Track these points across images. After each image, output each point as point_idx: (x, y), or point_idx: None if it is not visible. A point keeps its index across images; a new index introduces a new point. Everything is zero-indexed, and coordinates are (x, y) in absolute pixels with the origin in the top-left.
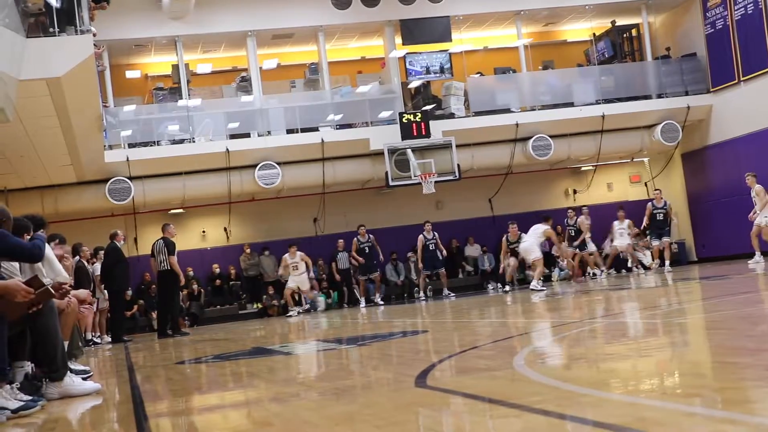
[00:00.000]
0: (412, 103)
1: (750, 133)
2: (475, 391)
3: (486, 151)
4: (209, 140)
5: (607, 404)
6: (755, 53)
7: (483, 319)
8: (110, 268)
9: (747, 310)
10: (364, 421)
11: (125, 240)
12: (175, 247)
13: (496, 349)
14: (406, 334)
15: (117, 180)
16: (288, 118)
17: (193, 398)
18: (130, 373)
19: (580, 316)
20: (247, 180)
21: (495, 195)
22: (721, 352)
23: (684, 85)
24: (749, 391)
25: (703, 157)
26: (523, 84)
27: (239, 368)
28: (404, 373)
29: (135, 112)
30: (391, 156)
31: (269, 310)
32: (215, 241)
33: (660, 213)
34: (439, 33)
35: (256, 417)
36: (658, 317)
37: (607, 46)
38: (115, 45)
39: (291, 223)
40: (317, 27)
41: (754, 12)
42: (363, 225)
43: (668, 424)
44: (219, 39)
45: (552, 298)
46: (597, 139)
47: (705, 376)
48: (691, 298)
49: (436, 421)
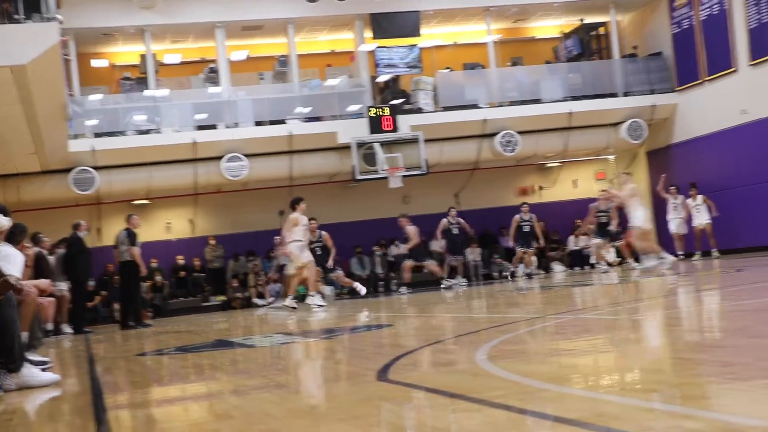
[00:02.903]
0: (380, 97)
1: (713, 133)
2: (436, 386)
3: (453, 146)
4: (176, 131)
5: (568, 399)
6: (719, 53)
7: (447, 314)
8: (72, 258)
9: (704, 307)
10: (326, 414)
11: (88, 230)
12: (138, 238)
13: (458, 343)
14: (370, 328)
15: (81, 170)
16: (256, 110)
17: (154, 390)
18: (90, 364)
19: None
20: (214, 172)
21: (462, 190)
22: (679, 348)
23: (650, 83)
24: (706, 387)
25: (667, 156)
26: (492, 80)
27: (201, 361)
28: (366, 366)
29: (101, 101)
30: (358, 150)
31: (233, 302)
32: (180, 233)
33: (603, 216)
34: (409, 28)
35: (217, 409)
36: (619, 313)
37: (575, 43)
38: (82, 33)
39: (257, 216)
40: (287, 19)
41: (720, 13)
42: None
43: (627, 419)
44: (188, 30)
45: (517, 294)
46: (564, 136)
47: (663, 372)
48: (651, 294)
49: (398, 415)
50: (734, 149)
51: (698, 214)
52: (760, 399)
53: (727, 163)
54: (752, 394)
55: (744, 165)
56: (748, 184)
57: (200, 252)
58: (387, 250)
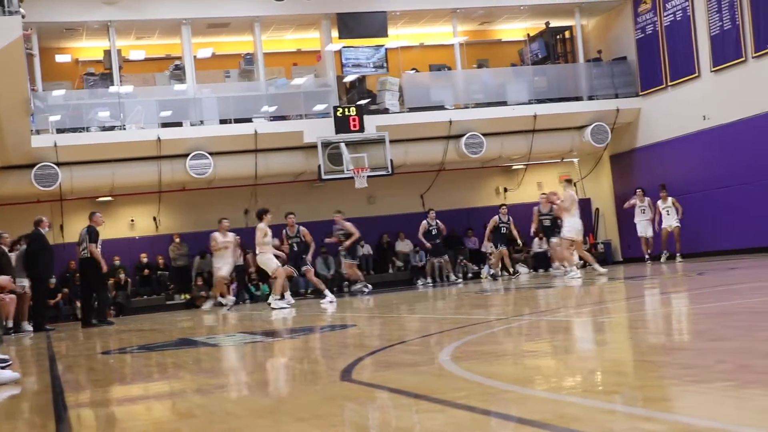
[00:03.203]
0: (346, 97)
1: (676, 137)
2: (400, 386)
3: (419, 147)
4: (140, 128)
5: (530, 401)
6: (683, 59)
7: (412, 315)
8: (34, 255)
9: (666, 310)
10: (288, 413)
11: (50, 227)
12: (98, 236)
13: (423, 344)
14: (334, 328)
15: (44, 165)
16: (221, 108)
17: (116, 389)
18: (51, 362)
19: (506, 313)
20: (178, 169)
21: (427, 191)
22: (641, 351)
23: (614, 87)
24: (666, 389)
25: (630, 159)
26: (458, 82)
27: (164, 359)
28: (330, 366)
29: (64, 97)
30: (324, 149)
31: (197, 301)
32: (144, 230)
33: (546, 219)
34: (376, 28)
35: (180, 408)
36: (582, 315)
37: (541, 47)
38: (45, 28)
39: (221, 214)
40: (253, 17)
41: (683, 19)
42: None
43: (588, 420)
44: (153, 26)
45: (481, 295)
46: (528, 139)
47: (625, 374)
48: (615, 297)
49: (361, 415)
50: (696, 154)
51: (668, 216)
52: (719, 401)
53: (688, 168)
54: (712, 396)
55: (705, 170)
56: (708, 189)
57: (164, 250)
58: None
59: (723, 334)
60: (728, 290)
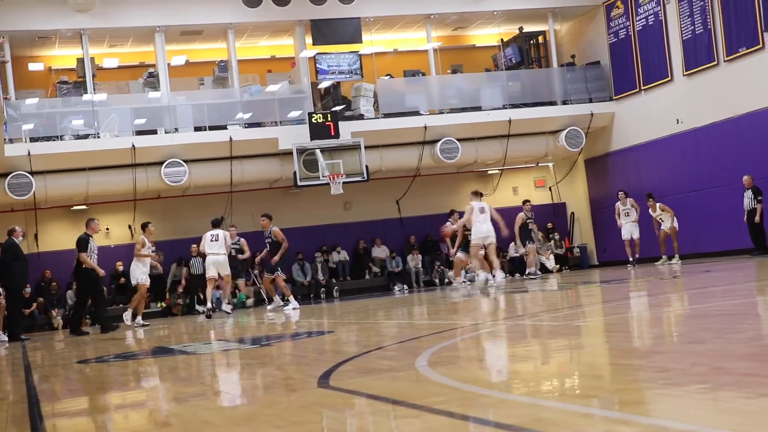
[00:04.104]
0: (321, 104)
1: (649, 141)
2: (377, 392)
3: (394, 153)
4: (115, 136)
5: (507, 405)
6: (655, 63)
7: (389, 320)
8: (7, 264)
9: (643, 313)
10: (265, 421)
11: (24, 236)
12: (87, 244)
13: (400, 350)
14: (311, 334)
15: (17, 174)
16: (196, 115)
17: (92, 398)
18: (27, 372)
19: (483, 317)
20: (153, 177)
21: (403, 197)
22: (617, 354)
23: (588, 92)
24: (642, 393)
25: (605, 164)
26: (432, 87)
27: (141, 368)
28: (307, 373)
29: (37, 105)
30: (299, 156)
31: (173, 308)
32: (119, 239)
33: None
34: (350, 34)
35: (156, 417)
36: (558, 320)
37: (515, 52)
38: (18, 36)
39: (197, 222)
40: (227, 24)
41: (655, 23)
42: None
43: (565, 424)
44: (126, 33)
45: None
46: (503, 144)
47: (601, 378)
48: (591, 301)
49: (338, 422)
50: (670, 158)
51: (664, 222)
52: (695, 404)
53: (662, 172)
54: (687, 400)
55: (679, 174)
56: (682, 192)
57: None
58: (329, 256)
59: (698, 336)
60: (703, 293)
